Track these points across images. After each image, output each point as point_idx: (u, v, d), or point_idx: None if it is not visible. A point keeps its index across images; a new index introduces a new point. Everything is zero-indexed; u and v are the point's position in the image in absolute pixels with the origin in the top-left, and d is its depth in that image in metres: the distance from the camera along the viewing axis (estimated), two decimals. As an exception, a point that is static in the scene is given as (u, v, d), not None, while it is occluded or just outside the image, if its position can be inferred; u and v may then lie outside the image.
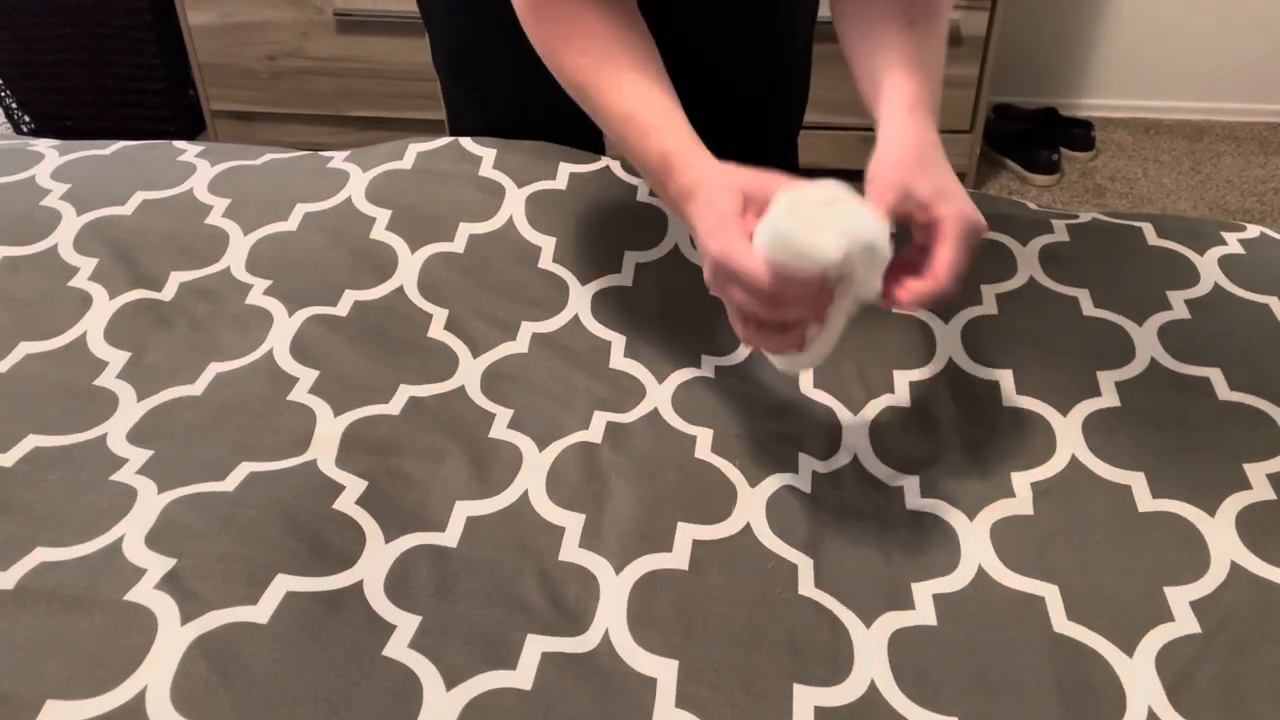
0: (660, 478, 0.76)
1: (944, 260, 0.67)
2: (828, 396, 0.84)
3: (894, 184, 0.70)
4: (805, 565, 0.71)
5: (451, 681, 0.63)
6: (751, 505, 0.75)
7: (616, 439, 0.79)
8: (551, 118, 1.02)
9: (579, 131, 1.15)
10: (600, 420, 0.81)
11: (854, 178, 1.07)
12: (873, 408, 0.83)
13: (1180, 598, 0.69)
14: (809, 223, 0.63)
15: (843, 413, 0.83)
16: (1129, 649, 0.66)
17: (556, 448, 0.79)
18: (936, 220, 0.69)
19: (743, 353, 0.87)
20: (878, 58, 0.77)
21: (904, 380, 0.85)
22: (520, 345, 0.88)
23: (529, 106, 0.95)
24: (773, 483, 0.76)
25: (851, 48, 0.80)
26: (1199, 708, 0.63)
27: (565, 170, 1.04)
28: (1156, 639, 0.66)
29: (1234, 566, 0.70)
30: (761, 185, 0.67)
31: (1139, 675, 0.64)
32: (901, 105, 0.74)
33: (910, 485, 0.77)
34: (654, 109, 0.76)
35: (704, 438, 0.80)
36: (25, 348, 0.86)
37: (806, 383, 0.85)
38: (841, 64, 0.85)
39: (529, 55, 0.86)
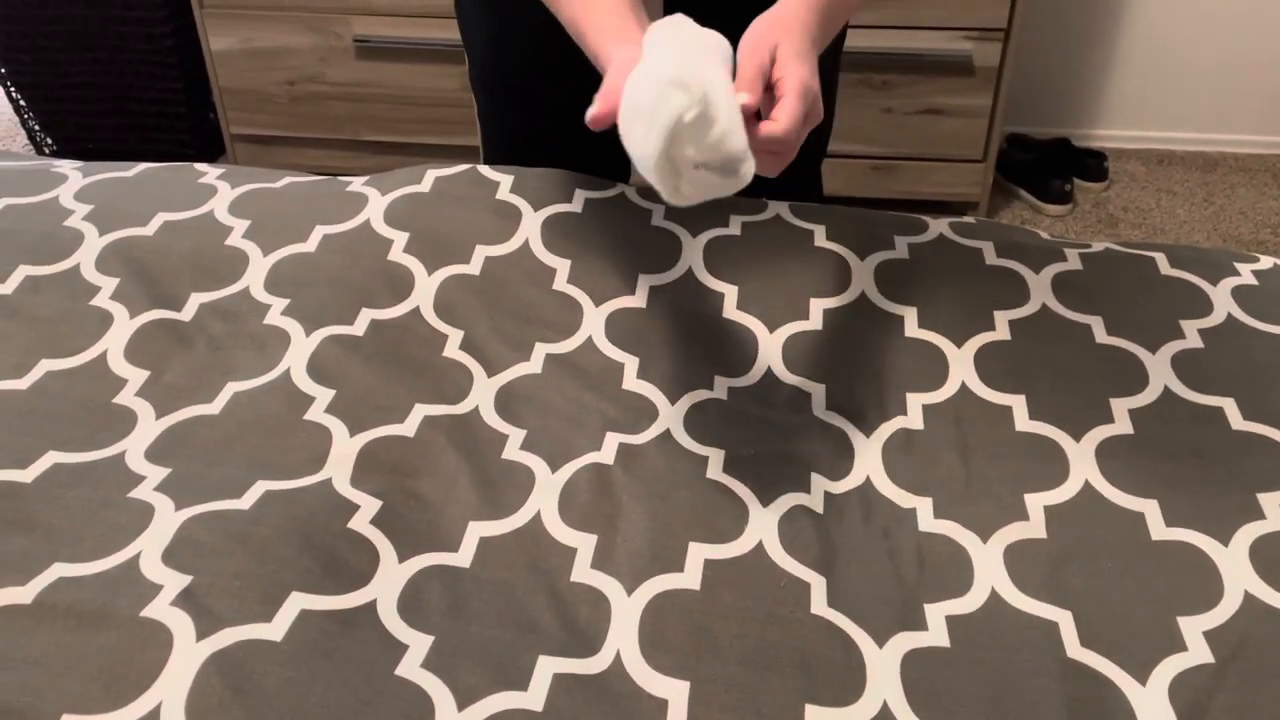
0: (672, 498, 0.76)
1: (784, 109, 0.71)
2: (841, 419, 0.84)
3: (763, 36, 0.75)
4: (818, 583, 0.71)
5: (463, 702, 0.63)
6: (763, 524, 0.75)
7: (628, 460, 0.80)
8: (582, 135, 1.04)
9: (608, 150, 1.17)
10: (612, 441, 0.81)
11: (865, 204, 1.08)
12: (886, 430, 0.83)
13: (1193, 627, 0.68)
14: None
15: (855, 435, 0.83)
16: (1142, 677, 0.66)
17: (569, 469, 0.79)
18: (780, 81, 0.72)
19: (757, 374, 0.88)
20: None
21: (917, 404, 0.85)
22: (534, 366, 0.88)
23: (560, 124, 0.97)
24: (785, 502, 0.76)
25: None
26: (1213, 737, 0.62)
27: (581, 195, 1.05)
28: (1169, 668, 0.66)
29: (1247, 597, 0.70)
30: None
31: (1152, 704, 0.64)
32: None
33: (923, 507, 0.77)
34: (600, 4, 0.81)
35: (715, 458, 0.80)
36: (46, 365, 0.87)
37: (820, 405, 0.85)
38: (852, 92, 0.87)
39: (562, 75, 0.88)
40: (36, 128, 2.35)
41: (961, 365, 0.88)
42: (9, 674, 0.62)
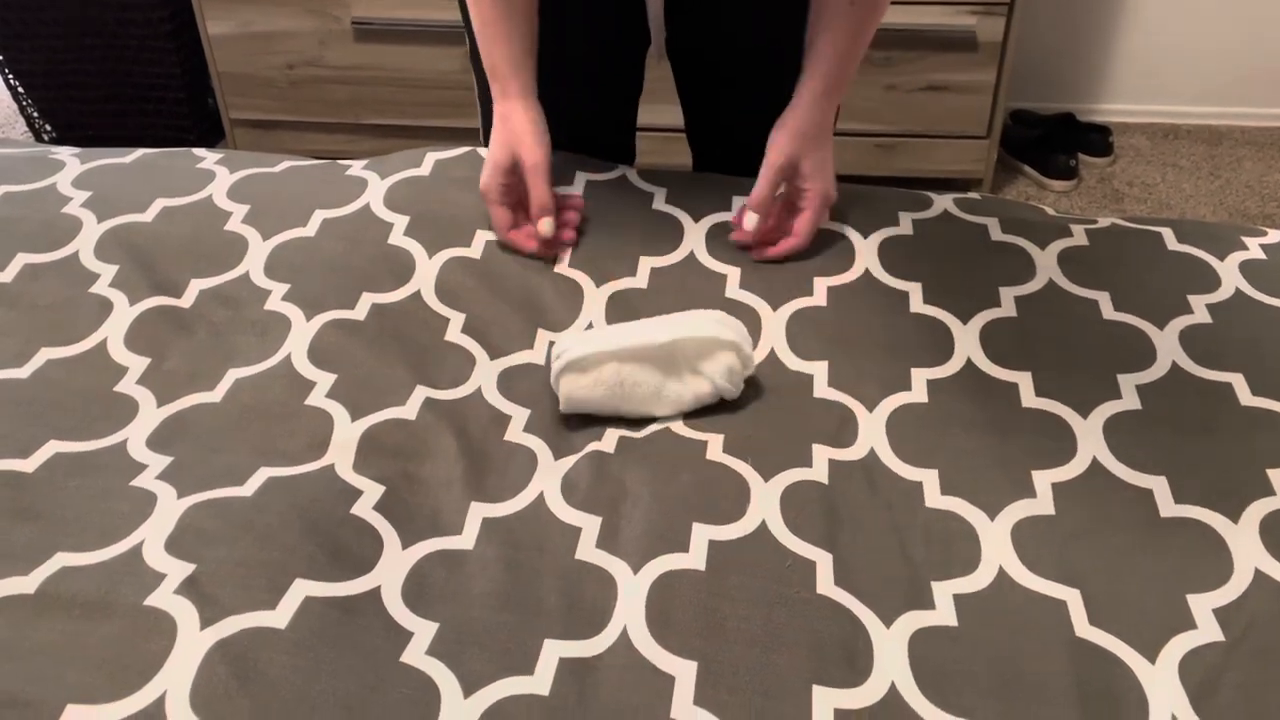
0: (674, 480, 0.76)
1: (804, 222, 0.95)
2: (844, 395, 0.83)
3: (789, 151, 0.95)
4: (824, 561, 0.70)
5: (469, 689, 0.63)
6: (766, 502, 0.74)
7: (630, 445, 0.79)
8: (584, 117, 1.05)
9: (610, 131, 1.16)
10: (614, 432, 0.81)
11: (868, 182, 1.07)
12: (889, 405, 0.82)
13: (1203, 605, 0.68)
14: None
15: (860, 411, 0.82)
16: (1151, 656, 0.65)
17: (571, 452, 0.79)
18: (804, 191, 0.96)
19: (760, 353, 0.87)
20: (819, 23, 0.96)
21: (921, 379, 0.85)
22: (536, 349, 0.88)
23: (562, 105, 0.98)
24: (787, 477, 0.76)
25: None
26: (1223, 717, 0.62)
27: (582, 178, 1.04)
28: (1179, 646, 0.66)
29: (1258, 574, 0.70)
30: (523, 157, 0.95)
31: (1162, 683, 0.64)
32: (817, 87, 0.95)
33: (929, 481, 0.76)
34: (504, 18, 0.95)
35: (715, 442, 0.79)
36: (46, 353, 0.86)
37: (821, 383, 0.84)
38: (859, 70, 0.90)
39: (564, 55, 0.89)
40: (35, 115, 2.34)
41: (967, 341, 0.88)
42: (13, 664, 0.62)
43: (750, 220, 0.95)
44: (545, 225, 0.94)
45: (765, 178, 0.95)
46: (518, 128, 0.95)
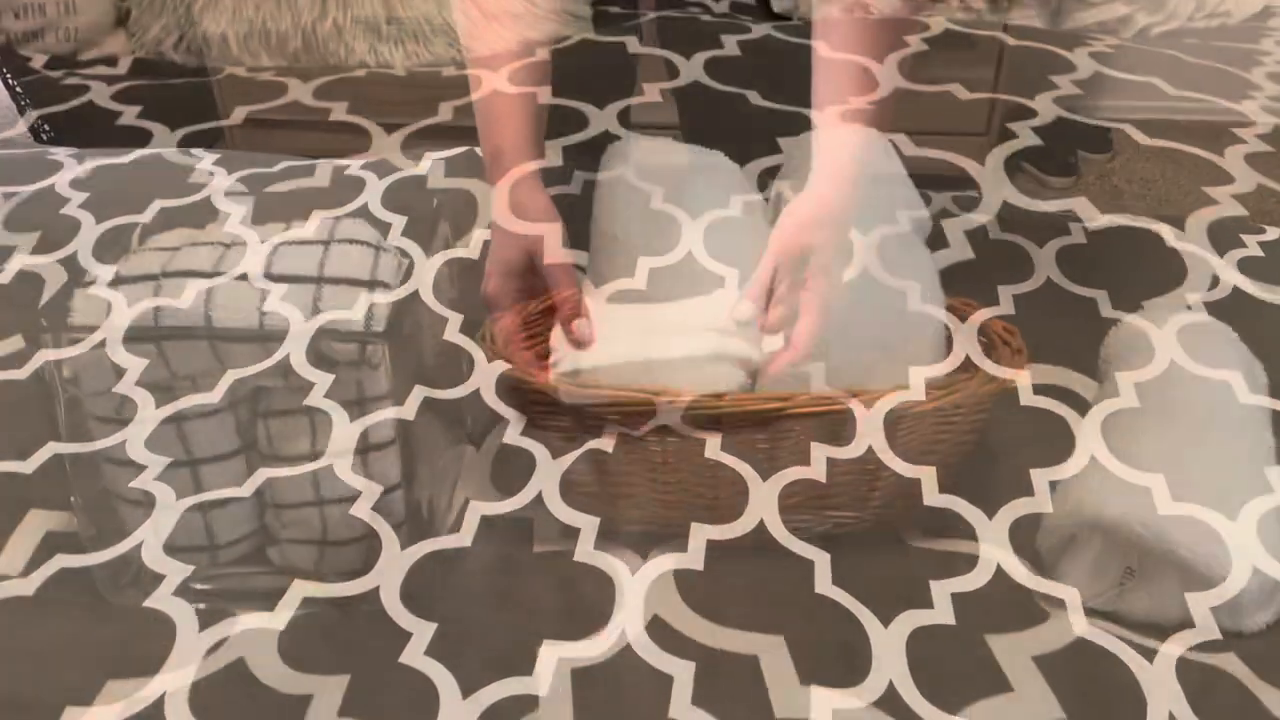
0: (673, 479, 0.76)
1: (803, 332, 0.81)
2: (843, 393, 0.83)
3: (798, 241, 0.83)
4: (822, 561, 0.70)
5: (468, 689, 0.63)
6: (764, 501, 0.74)
7: (628, 444, 0.79)
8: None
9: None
10: (612, 431, 0.81)
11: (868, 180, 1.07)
12: (888, 403, 0.82)
13: (1201, 603, 0.68)
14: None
15: (858, 408, 0.82)
16: (1149, 655, 0.65)
17: (569, 450, 0.79)
18: (805, 292, 0.82)
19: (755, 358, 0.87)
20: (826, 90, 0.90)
21: (920, 378, 0.85)
22: (535, 350, 0.88)
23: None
24: (785, 477, 0.76)
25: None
26: (1221, 715, 0.62)
27: (580, 177, 1.04)
28: (1177, 645, 0.66)
29: (1256, 573, 0.70)
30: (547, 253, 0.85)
31: (1160, 682, 0.64)
32: (836, 170, 0.86)
33: (928, 479, 0.76)
34: (512, 100, 0.92)
35: (713, 441, 0.79)
36: (45, 355, 0.86)
37: (820, 381, 0.85)
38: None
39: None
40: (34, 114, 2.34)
41: (965, 340, 0.88)
42: (12, 666, 0.63)
43: (744, 310, 0.83)
44: (584, 327, 0.85)
45: (764, 265, 0.84)
46: (534, 215, 0.86)
